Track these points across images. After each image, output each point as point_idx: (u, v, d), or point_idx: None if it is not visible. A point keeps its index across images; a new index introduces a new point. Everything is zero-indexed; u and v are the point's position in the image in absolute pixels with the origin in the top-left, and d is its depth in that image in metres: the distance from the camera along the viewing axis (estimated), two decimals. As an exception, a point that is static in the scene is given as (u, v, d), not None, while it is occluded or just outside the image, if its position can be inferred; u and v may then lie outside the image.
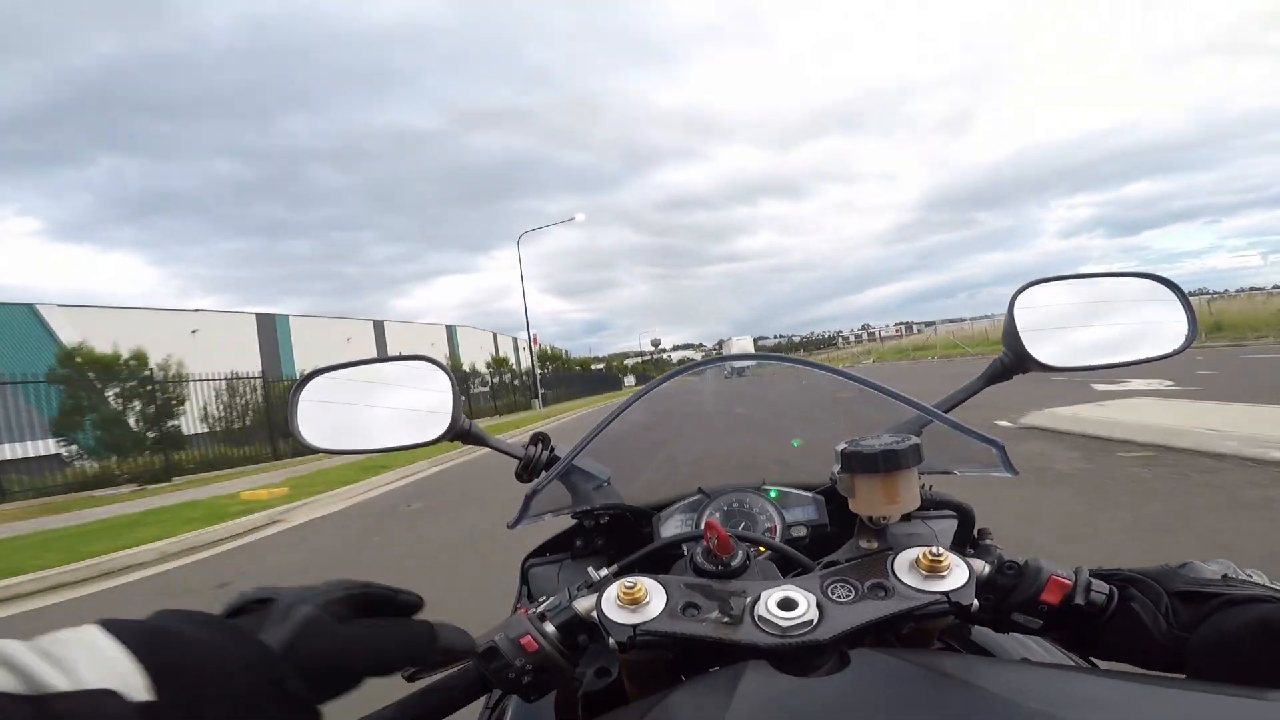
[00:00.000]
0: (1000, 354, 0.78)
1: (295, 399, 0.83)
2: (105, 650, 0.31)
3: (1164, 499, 3.98)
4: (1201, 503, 3.80)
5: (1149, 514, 3.73)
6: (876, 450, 0.55)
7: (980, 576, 0.51)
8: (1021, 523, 3.76)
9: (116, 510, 8.55)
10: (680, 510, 0.86)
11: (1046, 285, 0.81)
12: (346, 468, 10.53)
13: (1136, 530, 3.49)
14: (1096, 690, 0.36)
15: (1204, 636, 0.45)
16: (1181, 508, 3.76)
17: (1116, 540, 3.38)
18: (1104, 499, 4.14)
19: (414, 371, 0.84)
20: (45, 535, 6.87)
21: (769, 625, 0.44)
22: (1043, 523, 3.78)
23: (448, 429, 0.80)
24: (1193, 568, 0.50)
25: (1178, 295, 0.78)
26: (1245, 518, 3.45)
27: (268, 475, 11.65)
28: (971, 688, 0.35)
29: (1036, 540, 3.43)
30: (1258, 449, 4.76)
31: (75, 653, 0.30)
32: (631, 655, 0.48)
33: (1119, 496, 4.17)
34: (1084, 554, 3.16)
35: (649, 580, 0.50)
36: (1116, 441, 5.88)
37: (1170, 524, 3.50)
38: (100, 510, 8.79)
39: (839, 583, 0.48)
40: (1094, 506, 4.00)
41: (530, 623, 0.52)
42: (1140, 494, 4.15)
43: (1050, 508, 4.05)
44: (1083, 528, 3.63)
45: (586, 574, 0.57)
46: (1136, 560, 0.54)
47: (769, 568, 0.60)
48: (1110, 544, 3.33)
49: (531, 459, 0.84)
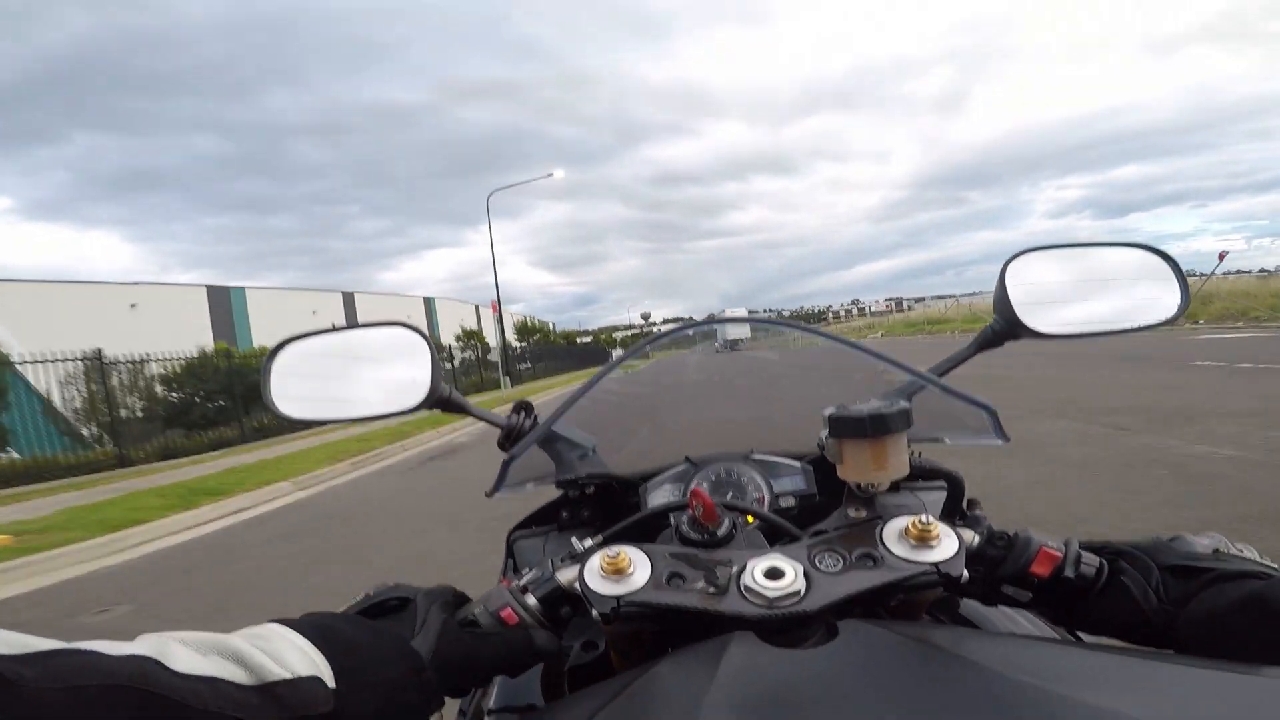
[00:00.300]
0: (992, 320, 0.77)
1: (268, 368, 0.80)
2: (301, 645, 0.36)
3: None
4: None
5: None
6: (865, 415, 0.54)
7: (970, 547, 0.50)
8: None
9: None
10: (667, 480, 0.84)
11: (1039, 254, 0.79)
12: (148, 496, 7.00)
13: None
14: (1086, 664, 0.36)
15: (1194, 612, 0.44)
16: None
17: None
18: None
19: (392, 339, 0.82)
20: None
21: (755, 595, 0.43)
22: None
23: (427, 397, 0.78)
24: (1184, 541, 0.49)
25: (1170, 266, 0.77)
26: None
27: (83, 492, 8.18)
28: (962, 661, 0.35)
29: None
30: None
31: (280, 647, 0.35)
32: (616, 627, 0.48)
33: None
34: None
35: (633, 550, 0.49)
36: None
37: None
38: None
39: (827, 552, 0.48)
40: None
41: (511, 595, 0.51)
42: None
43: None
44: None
45: (571, 545, 0.56)
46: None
47: (756, 537, 0.59)
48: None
49: (514, 427, 0.83)
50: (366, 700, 0.36)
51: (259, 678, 0.32)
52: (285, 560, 4.47)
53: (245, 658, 0.33)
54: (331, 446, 10.14)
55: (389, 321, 0.82)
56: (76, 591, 4.38)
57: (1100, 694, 0.30)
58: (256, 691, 0.32)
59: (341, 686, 0.35)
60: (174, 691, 0.28)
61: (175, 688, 0.29)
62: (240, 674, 0.32)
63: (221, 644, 0.33)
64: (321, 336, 0.83)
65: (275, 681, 0.32)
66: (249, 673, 0.32)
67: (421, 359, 0.79)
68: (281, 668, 0.33)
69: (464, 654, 0.46)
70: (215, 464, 10.13)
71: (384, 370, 0.81)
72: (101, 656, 0.28)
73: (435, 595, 0.49)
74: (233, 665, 0.32)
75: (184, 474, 9.06)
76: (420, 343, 0.80)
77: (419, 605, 0.46)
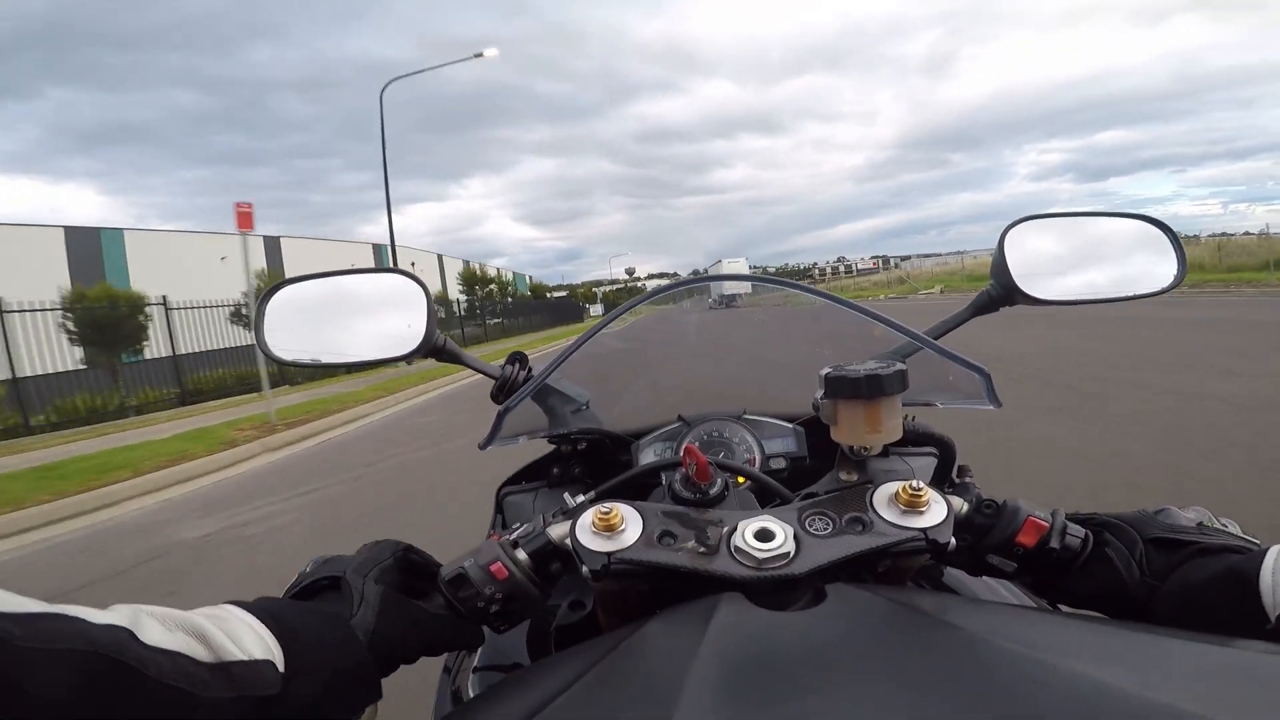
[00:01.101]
0: (988, 286, 0.77)
1: (261, 309, 0.79)
2: (256, 628, 0.37)
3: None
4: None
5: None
6: (861, 375, 0.53)
7: (958, 514, 0.50)
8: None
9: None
10: (660, 438, 0.84)
11: (1038, 222, 0.79)
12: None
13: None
14: (1070, 632, 0.37)
15: (1174, 585, 0.45)
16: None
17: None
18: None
19: (388, 286, 0.81)
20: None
21: (745, 556, 0.43)
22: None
23: (420, 345, 0.77)
24: (1169, 514, 0.50)
25: (1168, 235, 0.77)
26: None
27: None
28: (949, 626, 0.35)
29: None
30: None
31: (238, 628, 0.36)
32: (605, 585, 0.47)
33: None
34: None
35: (625, 507, 0.48)
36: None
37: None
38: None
39: (817, 515, 0.48)
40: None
41: (501, 549, 0.50)
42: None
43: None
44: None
45: (563, 501, 0.56)
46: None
47: (747, 498, 0.59)
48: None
49: (508, 378, 0.82)
50: (309, 685, 0.37)
51: (217, 656, 0.33)
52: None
53: (207, 636, 0.33)
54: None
55: (386, 269, 0.81)
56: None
57: (1083, 661, 0.30)
58: (213, 669, 0.32)
59: (288, 671, 0.36)
60: (140, 662, 0.29)
61: (142, 658, 0.30)
62: (201, 651, 0.33)
63: (186, 621, 0.34)
64: (317, 281, 0.81)
65: (231, 662, 0.33)
66: (209, 650, 0.33)
67: (417, 307, 0.78)
68: (238, 649, 0.34)
69: (405, 633, 0.45)
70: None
71: (379, 317, 0.80)
72: (83, 623, 0.29)
73: (366, 566, 0.48)
74: (195, 642, 0.33)
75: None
76: (416, 291, 0.79)
77: (350, 582, 0.46)
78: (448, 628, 0.49)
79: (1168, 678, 0.31)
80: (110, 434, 8.89)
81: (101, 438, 8.44)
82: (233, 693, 0.33)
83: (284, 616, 0.39)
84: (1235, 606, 0.40)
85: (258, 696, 0.34)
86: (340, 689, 0.40)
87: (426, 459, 5.56)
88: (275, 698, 0.35)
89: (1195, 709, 0.26)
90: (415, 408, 9.37)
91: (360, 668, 0.41)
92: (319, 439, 7.41)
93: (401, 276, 0.81)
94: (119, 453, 6.58)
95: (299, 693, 0.36)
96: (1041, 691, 0.28)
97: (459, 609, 0.49)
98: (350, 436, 7.51)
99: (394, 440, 6.73)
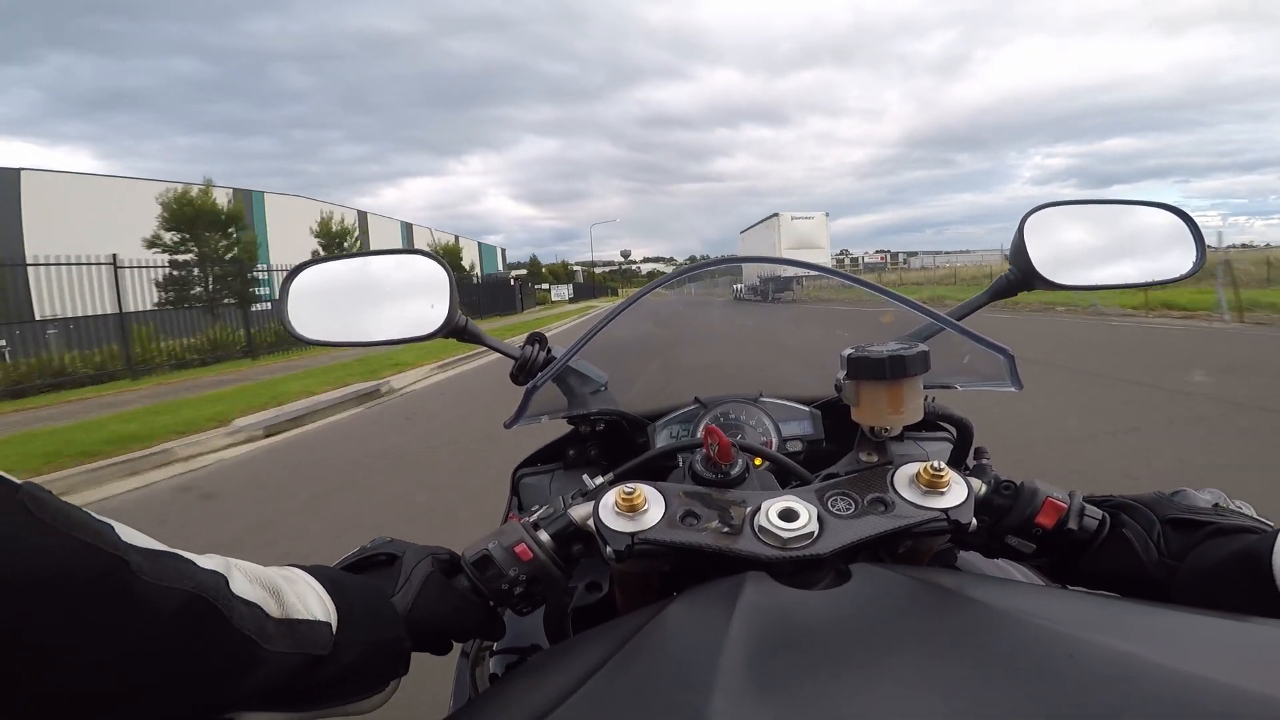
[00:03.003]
0: (1007, 271, 0.78)
1: (285, 290, 0.80)
2: (319, 591, 0.39)
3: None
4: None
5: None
6: (884, 356, 0.53)
7: (978, 495, 0.50)
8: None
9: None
10: (676, 420, 0.85)
11: (1058, 209, 0.79)
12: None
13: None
14: (1094, 609, 0.37)
15: (1191, 565, 0.45)
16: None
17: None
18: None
19: (411, 266, 0.82)
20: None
21: (769, 536, 0.43)
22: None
23: (443, 324, 0.78)
24: (1185, 495, 0.50)
25: (1188, 224, 0.77)
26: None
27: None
28: (975, 603, 0.35)
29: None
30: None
31: (304, 590, 0.38)
32: (626, 566, 0.47)
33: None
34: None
35: (648, 487, 0.48)
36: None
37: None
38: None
39: (839, 495, 0.48)
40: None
41: (525, 531, 0.51)
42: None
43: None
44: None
45: (580, 483, 0.56)
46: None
47: (768, 479, 0.59)
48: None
49: (528, 359, 0.83)
50: (351, 652, 0.39)
51: (285, 613, 0.35)
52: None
53: (281, 593, 0.36)
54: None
55: (410, 250, 0.82)
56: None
57: (1111, 636, 0.31)
58: (279, 624, 0.35)
59: (339, 636, 0.38)
60: (228, 608, 0.32)
61: (230, 605, 0.32)
62: (274, 606, 0.35)
63: (265, 576, 0.37)
64: (341, 261, 0.82)
65: (297, 620, 0.36)
66: (280, 606, 0.35)
67: (440, 287, 0.79)
68: (304, 609, 0.37)
69: (439, 615, 0.47)
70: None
71: (402, 297, 0.81)
72: (193, 565, 0.32)
73: (423, 553, 0.50)
74: (269, 597, 0.35)
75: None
76: (439, 271, 0.79)
77: (405, 562, 0.48)
78: (473, 611, 0.50)
79: (1195, 652, 0.31)
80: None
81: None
82: (292, 649, 0.35)
83: (342, 584, 0.42)
84: (1251, 586, 0.41)
85: (311, 655, 0.36)
86: (377, 659, 0.42)
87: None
88: (325, 658, 0.37)
89: (1227, 679, 0.26)
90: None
91: (397, 641, 0.43)
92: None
93: (425, 258, 0.81)
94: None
95: (343, 657, 0.38)
96: (1072, 666, 0.28)
97: (483, 590, 0.50)
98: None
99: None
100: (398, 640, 0.43)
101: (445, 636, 0.49)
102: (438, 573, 0.49)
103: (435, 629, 0.48)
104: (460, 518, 3.27)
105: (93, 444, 5.25)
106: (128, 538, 0.29)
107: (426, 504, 3.69)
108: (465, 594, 0.50)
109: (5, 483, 0.25)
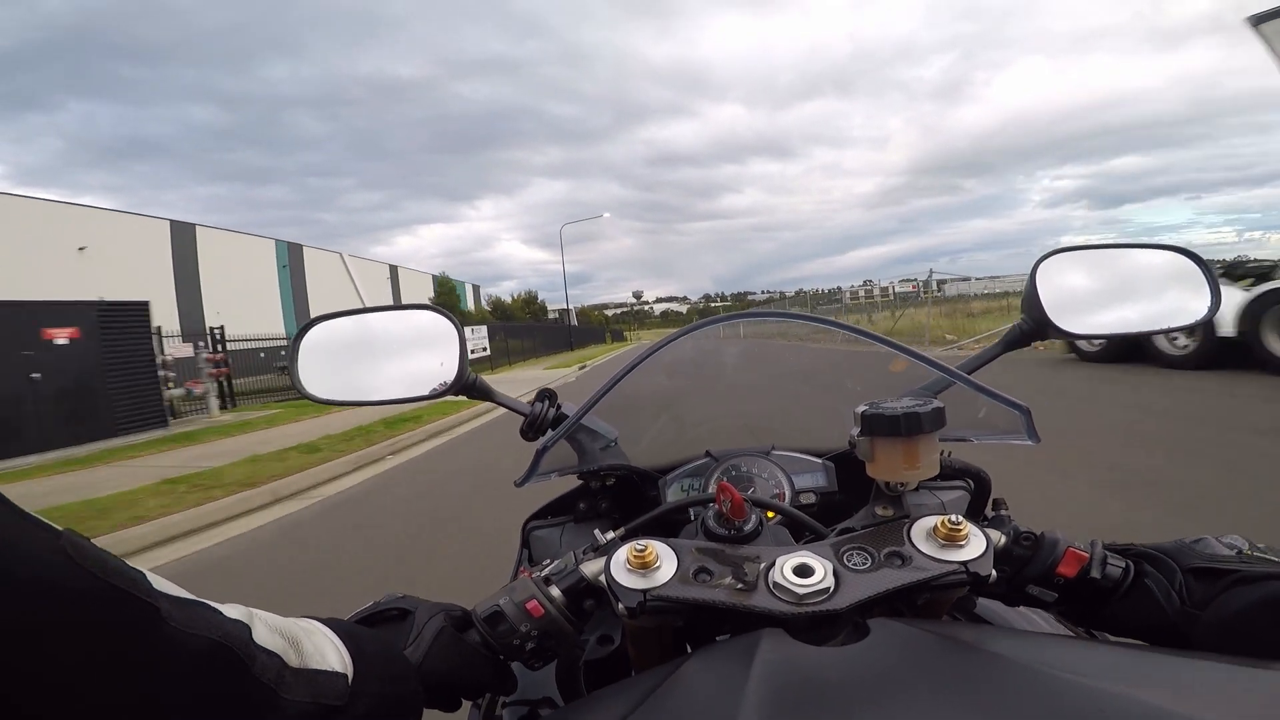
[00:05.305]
0: (1019, 320, 0.77)
1: (295, 348, 0.81)
2: (336, 643, 0.40)
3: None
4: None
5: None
6: (899, 413, 0.53)
7: (997, 547, 0.50)
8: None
9: None
10: (687, 474, 0.84)
11: (1069, 254, 0.79)
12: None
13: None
14: (1116, 659, 0.36)
15: (1215, 613, 0.44)
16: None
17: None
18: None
19: (420, 322, 0.82)
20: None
21: (784, 592, 0.43)
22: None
23: (453, 382, 0.78)
24: (1207, 544, 0.49)
25: (1201, 268, 0.77)
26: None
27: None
28: (995, 656, 0.35)
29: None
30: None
31: (322, 642, 0.39)
32: (638, 622, 0.47)
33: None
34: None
35: (659, 544, 0.48)
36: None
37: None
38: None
39: (855, 550, 0.47)
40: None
41: (537, 586, 0.50)
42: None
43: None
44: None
45: (591, 537, 0.55)
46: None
47: (782, 533, 0.58)
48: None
49: (538, 416, 0.82)
50: (366, 703, 0.39)
51: (304, 663, 0.36)
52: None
53: (300, 644, 0.37)
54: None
55: (417, 305, 0.82)
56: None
57: (1133, 686, 0.30)
58: (297, 674, 0.35)
59: (354, 687, 0.39)
60: (250, 657, 0.33)
61: (252, 654, 0.33)
62: (293, 656, 0.36)
63: (286, 626, 0.37)
64: (350, 317, 0.83)
65: (316, 670, 0.37)
66: (299, 656, 0.36)
67: (449, 343, 0.79)
68: (322, 660, 0.38)
69: (451, 670, 0.47)
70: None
71: (412, 354, 0.81)
72: (219, 614, 0.33)
73: (435, 609, 0.50)
74: (289, 647, 0.36)
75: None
76: (449, 327, 0.80)
77: (418, 617, 0.49)
78: (485, 666, 0.50)
79: (1218, 702, 0.31)
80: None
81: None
82: (309, 698, 0.36)
83: (357, 637, 0.42)
84: (1276, 633, 0.41)
85: (327, 705, 0.37)
86: (391, 711, 0.42)
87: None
88: (340, 709, 0.37)
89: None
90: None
91: (412, 695, 0.44)
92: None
93: (433, 313, 0.82)
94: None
95: (358, 708, 0.39)
96: (1095, 718, 0.28)
97: (494, 646, 0.50)
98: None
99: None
100: (411, 694, 0.44)
101: (457, 691, 0.49)
102: (450, 628, 0.49)
103: (447, 683, 0.48)
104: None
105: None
106: (159, 586, 0.30)
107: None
108: (477, 649, 0.49)
109: (48, 529, 0.26)
